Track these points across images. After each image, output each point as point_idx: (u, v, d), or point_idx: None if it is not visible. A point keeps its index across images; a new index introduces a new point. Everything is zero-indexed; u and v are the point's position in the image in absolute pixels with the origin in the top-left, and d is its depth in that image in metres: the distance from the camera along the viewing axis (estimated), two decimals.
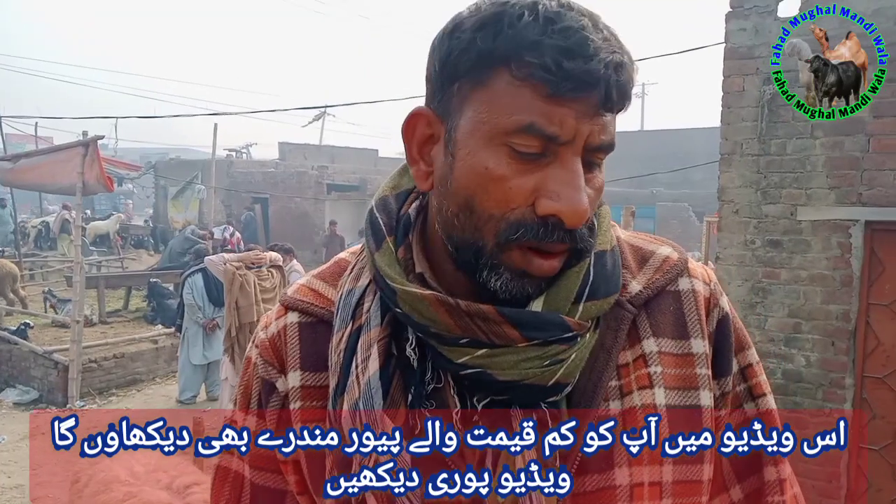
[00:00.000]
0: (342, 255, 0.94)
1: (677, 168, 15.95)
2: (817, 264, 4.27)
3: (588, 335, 0.77)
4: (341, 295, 0.85)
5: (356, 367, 0.78)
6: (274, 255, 7.10)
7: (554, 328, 0.74)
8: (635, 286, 0.84)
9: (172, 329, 9.20)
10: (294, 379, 0.84)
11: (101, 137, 8.43)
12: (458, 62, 0.72)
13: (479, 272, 0.75)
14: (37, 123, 17.59)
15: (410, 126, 0.79)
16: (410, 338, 0.78)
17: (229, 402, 5.73)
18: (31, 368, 8.52)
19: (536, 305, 0.76)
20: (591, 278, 0.78)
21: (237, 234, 16.12)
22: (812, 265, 4.29)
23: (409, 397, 0.77)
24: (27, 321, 9.62)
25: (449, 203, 0.75)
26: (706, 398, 0.82)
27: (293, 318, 0.88)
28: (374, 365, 0.77)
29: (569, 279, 0.77)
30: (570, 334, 0.75)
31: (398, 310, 0.77)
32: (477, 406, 0.76)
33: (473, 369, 0.74)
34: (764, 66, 4.32)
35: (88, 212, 23.08)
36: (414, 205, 0.86)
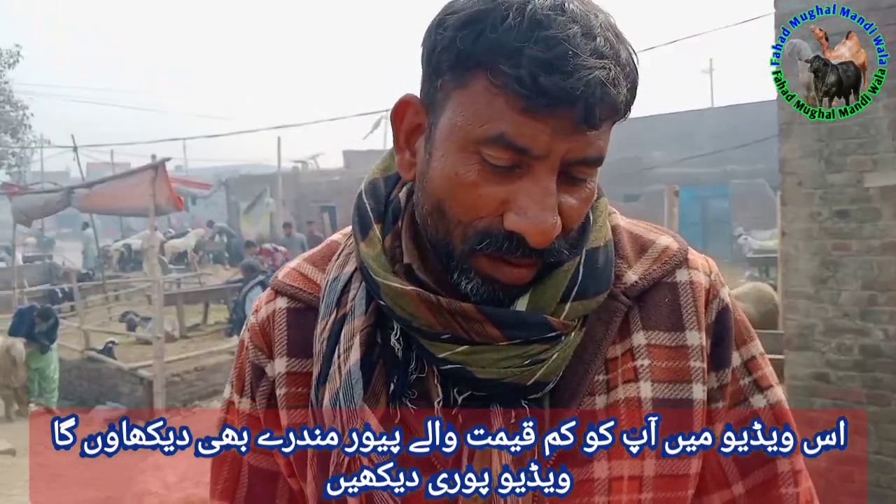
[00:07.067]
0: (335, 236, 0.92)
1: (746, 143, 15.40)
2: (889, 232, 4.07)
3: (573, 334, 0.75)
4: (327, 281, 0.83)
5: (338, 356, 0.76)
6: None
7: (536, 328, 0.72)
8: (631, 276, 0.80)
9: None
10: (280, 365, 0.84)
11: (168, 160, 8.80)
12: (441, 60, 0.69)
13: (451, 273, 0.74)
14: (112, 151, 18.42)
15: (400, 113, 0.77)
16: (395, 328, 0.77)
17: None
18: (119, 385, 8.93)
19: (521, 304, 0.74)
20: (580, 277, 0.75)
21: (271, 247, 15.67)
22: (884, 234, 4.09)
23: (392, 387, 0.76)
24: (112, 339, 10.05)
25: (424, 201, 0.74)
26: (699, 392, 0.79)
27: (282, 303, 0.86)
28: (355, 355, 0.75)
29: (556, 278, 0.74)
30: (554, 334, 0.72)
31: (381, 302, 0.76)
32: (458, 399, 0.75)
33: (454, 365, 0.73)
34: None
35: (172, 230, 23.99)
36: (405, 188, 0.82)
